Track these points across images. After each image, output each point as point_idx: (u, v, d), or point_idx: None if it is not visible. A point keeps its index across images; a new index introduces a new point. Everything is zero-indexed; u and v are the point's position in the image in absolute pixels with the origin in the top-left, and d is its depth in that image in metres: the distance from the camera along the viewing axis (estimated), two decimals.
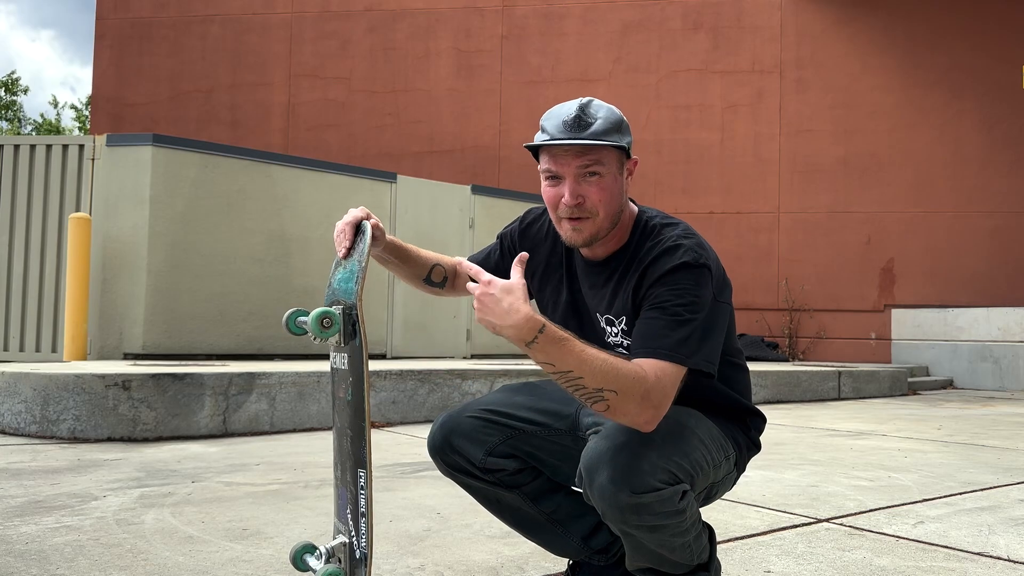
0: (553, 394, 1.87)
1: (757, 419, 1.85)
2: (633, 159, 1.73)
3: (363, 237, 1.71)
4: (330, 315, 1.58)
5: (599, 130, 1.63)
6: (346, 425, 1.63)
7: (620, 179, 1.69)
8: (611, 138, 1.63)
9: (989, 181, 10.93)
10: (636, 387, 1.49)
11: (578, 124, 1.63)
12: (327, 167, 8.31)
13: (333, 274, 1.73)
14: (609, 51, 11.81)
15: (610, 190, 1.66)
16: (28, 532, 2.48)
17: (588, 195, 1.65)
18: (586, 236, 1.69)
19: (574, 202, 1.65)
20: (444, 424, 1.83)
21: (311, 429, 4.99)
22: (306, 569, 1.64)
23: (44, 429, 4.43)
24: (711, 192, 11.30)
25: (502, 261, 1.94)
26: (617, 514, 1.51)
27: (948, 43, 11.07)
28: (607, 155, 1.65)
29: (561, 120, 1.64)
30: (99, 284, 7.01)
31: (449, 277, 1.99)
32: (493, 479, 1.82)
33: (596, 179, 1.65)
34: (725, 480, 1.76)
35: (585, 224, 1.67)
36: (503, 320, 1.49)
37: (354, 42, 12.29)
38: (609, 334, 1.75)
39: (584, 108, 1.64)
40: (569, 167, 1.65)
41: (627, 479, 1.48)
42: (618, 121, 1.67)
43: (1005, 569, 2.24)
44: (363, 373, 1.58)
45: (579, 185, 1.65)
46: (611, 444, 1.52)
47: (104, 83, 12.77)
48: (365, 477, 1.58)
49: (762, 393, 7.27)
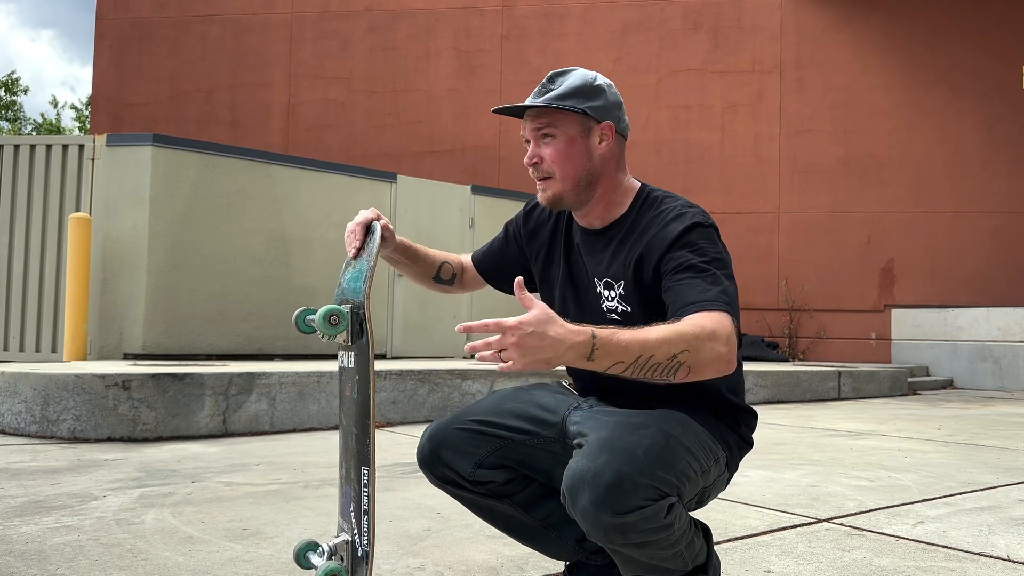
0: (542, 400, 1.84)
1: (748, 416, 1.83)
2: (605, 123, 1.74)
3: (372, 237, 1.74)
4: (338, 313, 1.60)
5: (556, 95, 1.70)
6: (351, 423, 1.64)
7: (582, 142, 1.73)
8: (568, 103, 1.69)
9: (989, 181, 10.93)
10: (702, 337, 1.47)
11: (542, 90, 1.73)
12: (327, 167, 8.32)
13: (343, 274, 1.75)
14: (609, 51, 11.81)
15: (564, 152, 1.72)
16: (28, 532, 2.48)
17: (543, 155, 1.73)
18: (548, 195, 1.76)
19: (529, 162, 1.75)
20: (432, 436, 1.81)
21: (311, 429, 4.99)
22: (309, 566, 1.64)
23: (44, 429, 4.43)
24: (711, 192, 11.30)
25: (506, 246, 2.00)
26: (602, 535, 1.48)
27: (948, 43, 11.07)
28: (562, 118, 1.72)
29: (536, 90, 1.75)
30: (99, 284, 7.01)
31: (457, 274, 2.04)
32: (483, 491, 1.80)
33: (551, 140, 1.73)
34: (717, 483, 1.74)
35: (548, 184, 1.75)
36: (558, 348, 1.38)
37: (354, 42, 12.29)
38: (605, 299, 1.75)
39: (554, 76, 1.75)
40: (528, 130, 1.75)
41: (608, 500, 1.44)
42: (583, 86, 1.72)
43: (1005, 569, 2.24)
44: (369, 371, 1.59)
45: (537, 147, 1.74)
46: (592, 464, 1.48)
47: (104, 83, 12.78)
48: (368, 475, 1.58)
49: (762, 393, 7.27)
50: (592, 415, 1.73)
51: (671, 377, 1.47)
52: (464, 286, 2.07)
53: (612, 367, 1.43)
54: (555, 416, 1.80)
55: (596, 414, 1.73)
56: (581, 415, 1.75)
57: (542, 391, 1.89)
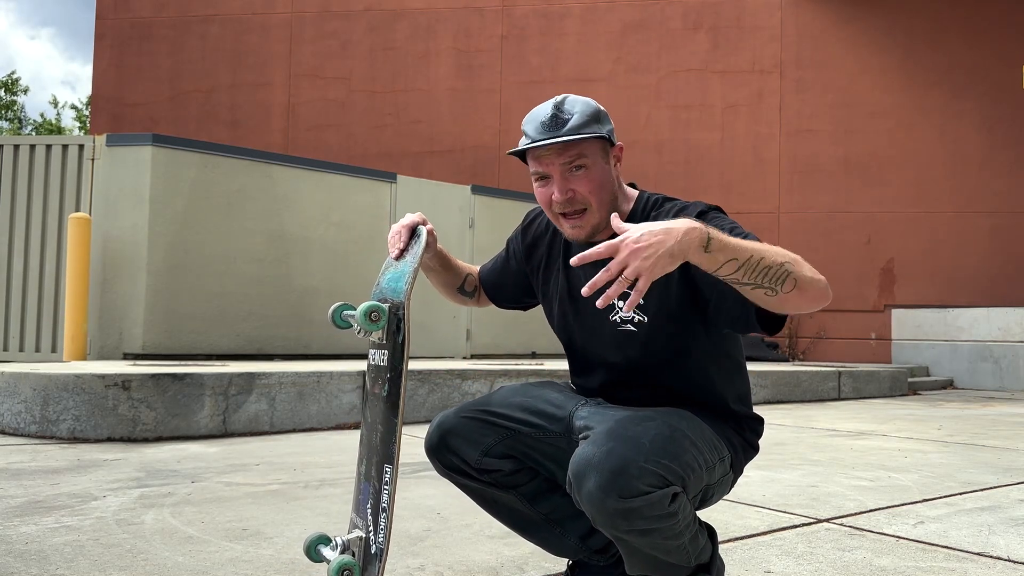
0: (550, 396, 1.86)
1: (755, 422, 1.85)
2: (617, 145, 1.75)
3: (418, 241, 1.76)
4: (378, 309, 1.62)
5: (576, 124, 1.66)
6: (377, 420, 1.65)
7: (607, 167, 1.72)
8: (590, 129, 1.66)
9: (989, 181, 10.92)
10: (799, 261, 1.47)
11: (555, 123, 1.66)
12: (327, 167, 8.31)
13: (383, 274, 1.78)
14: (609, 51, 11.80)
15: (598, 180, 1.69)
16: (28, 532, 2.48)
17: (577, 188, 1.68)
18: (588, 231, 1.72)
19: (563, 197, 1.69)
20: (440, 424, 1.84)
21: (311, 429, 4.99)
22: (320, 559, 1.65)
23: (44, 429, 4.43)
24: (711, 192, 11.28)
25: (506, 263, 2.02)
26: (607, 520, 1.50)
27: (948, 43, 11.07)
28: (589, 147, 1.68)
29: (539, 121, 1.68)
30: (99, 284, 7.01)
31: (478, 287, 2.09)
32: (489, 480, 1.82)
33: (583, 172, 1.68)
34: (721, 483, 1.75)
35: (583, 218, 1.70)
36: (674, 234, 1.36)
37: (354, 42, 12.29)
38: (617, 310, 1.74)
39: (559, 106, 1.68)
40: (554, 165, 1.68)
41: (614, 484, 1.46)
42: (595, 112, 1.70)
43: (1005, 569, 2.24)
44: (403, 370, 1.61)
45: (566, 181, 1.68)
46: (598, 449, 1.51)
47: (104, 83, 12.77)
48: (391, 473, 1.60)
49: (762, 393, 7.27)
50: (598, 411, 1.75)
51: (779, 288, 1.43)
52: (480, 300, 2.10)
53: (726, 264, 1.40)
54: (562, 412, 1.82)
55: (602, 410, 1.76)
56: (588, 411, 1.77)
57: (551, 388, 1.91)
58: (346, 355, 7.80)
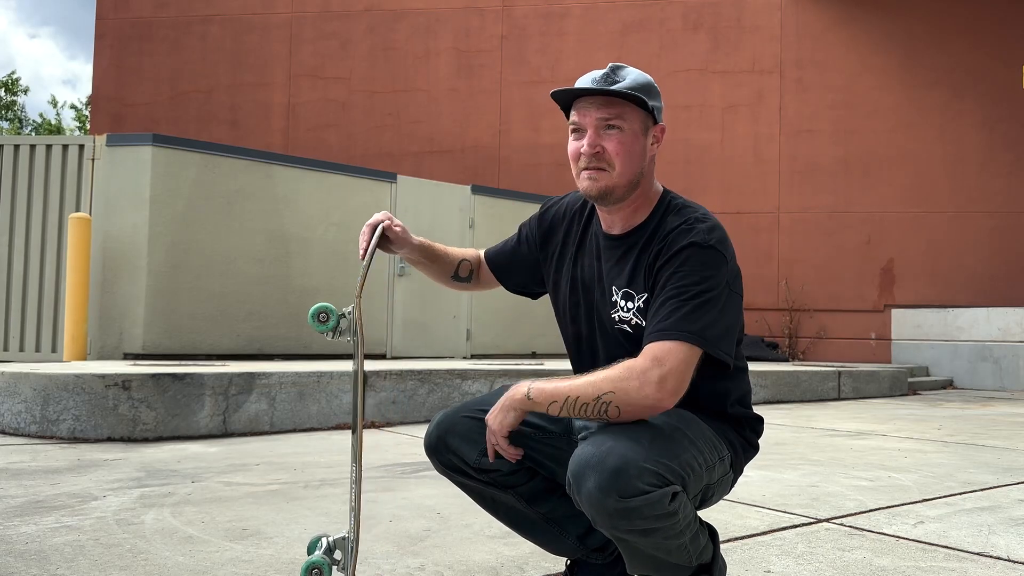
0: None
1: (755, 422, 1.85)
2: (659, 124, 1.74)
3: (373, 239, 1.78)
4: (327, 310, 1.66)
5: (627, 86, 1.66)
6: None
7: (642, 140, 1.71)
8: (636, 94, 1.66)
9: (989, 181, 10.92)
10: (628, 378, 1.55)
11: (606, 80, 1.68)
12: (327, 167, 8.32)
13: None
14: (609, 51, 11.79)
15: (628, 146, 1.69)
16: (28, 532, 2.48)
17: (607, 146, 1.68)
18: (600, 187, 1.70)
19: (591, 151, 1.68)
20: (440, 423, 1.84)
21: (311, 429, 4.99)
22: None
23: (44, 429, 4.43)
24: (711, 192, 11.28)
25: (517, 247, 1.99)
26: (606, 520, 1.50)
27: (948, 43, 11.07)
28: (630, 112, 1.68)
29: (591, 78, 1.69)
30: (99, 284, 7.01)
31: (475, 270, 2.04)
32: (487, 479, 1.82)
33: (616, 132, 1.68)
34: (721, 483, 1.75)
35: (601, 175, 1.69)
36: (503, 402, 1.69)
37: (354, 42, 12.29)
38: (620, 308, 1.73)
39: (615, 68, 1.70)
40: (591, 118, 1.68)
41: (614, 484, 1.47)
42: (647, 84, 1.70)
43: (1005, 569, 2.24)
44: (358, 370, 1.64)
45: (598, 136, 1.68)
46: (597, 449, 1.51)
47: (104, 83, 12.78)
48: (356, 472, 1.64)
49: (762, 393, 7.27)
50: None
51: (606, 415, 1.56)
52: (480, 283, 2.06)
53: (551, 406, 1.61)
54: None
55: None
56: None
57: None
58: (346, 355, 7.79)
